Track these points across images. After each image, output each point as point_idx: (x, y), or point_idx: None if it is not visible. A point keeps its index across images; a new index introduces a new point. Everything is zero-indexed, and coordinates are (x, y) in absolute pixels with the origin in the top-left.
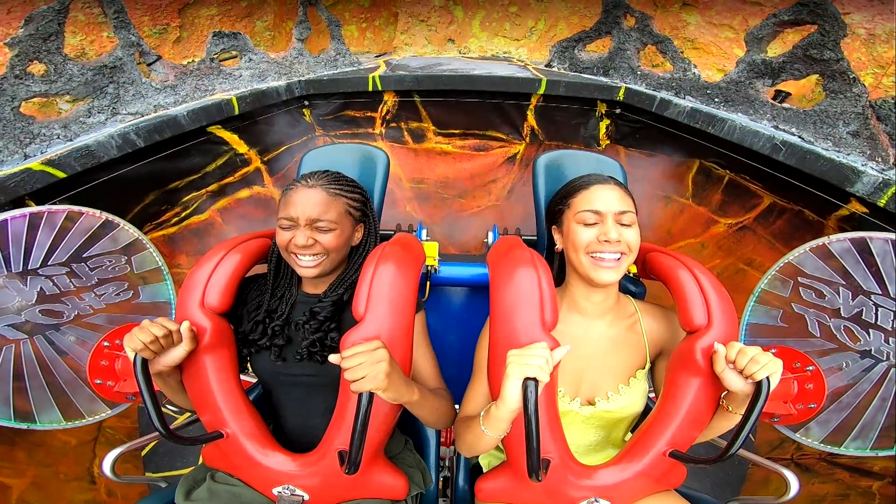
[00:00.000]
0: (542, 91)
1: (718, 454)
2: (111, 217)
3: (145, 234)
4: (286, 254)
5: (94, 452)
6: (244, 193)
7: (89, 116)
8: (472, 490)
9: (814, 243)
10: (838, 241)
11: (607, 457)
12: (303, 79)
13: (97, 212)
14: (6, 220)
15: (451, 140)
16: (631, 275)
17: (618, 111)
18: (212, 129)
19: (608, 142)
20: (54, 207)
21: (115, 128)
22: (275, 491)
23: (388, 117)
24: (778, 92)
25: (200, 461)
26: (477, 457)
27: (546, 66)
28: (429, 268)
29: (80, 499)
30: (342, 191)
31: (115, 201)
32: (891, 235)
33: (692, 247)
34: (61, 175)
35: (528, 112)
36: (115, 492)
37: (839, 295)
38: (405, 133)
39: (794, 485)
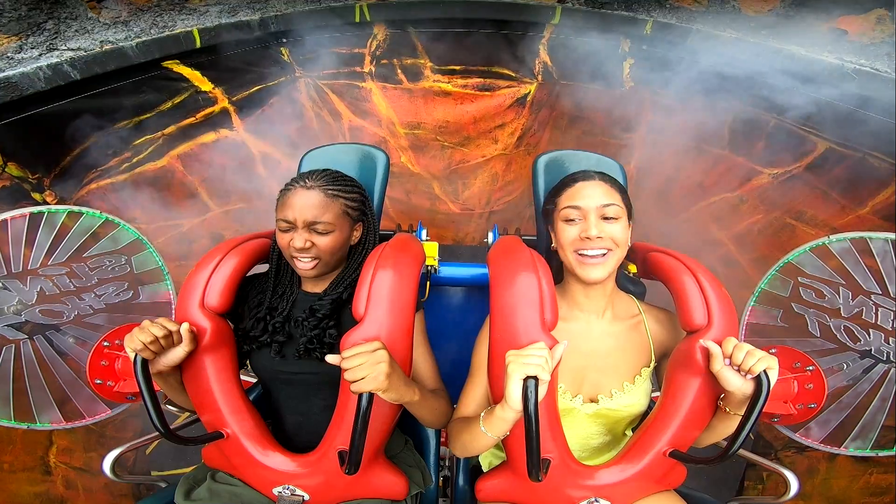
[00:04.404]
0: (556, 20)
1: (719, 454)
2: (111, 217)
3: (89, 181)
4: (286, 254)
5: (51, 440)
6: (209, 137)
7: (19, 52)
8: (472, 490)
9: (814, 243)
10: (838, 241)
11: (611, 458)
12: (279, 13)
13: (97, 212)
14: (6, 221)
15: (452, 78)
16: (631, 274)
17: (644, 47)
18: (168, 63)
19: (632, 84)
20: (54, 207)
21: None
22: (275, 491)
23: (378, 53)
24: (832, 30)
25: (201, 461)
26: (477, 456)
27: (559, 1)
28: (429, 268)
29: (29, 491)
30: (340, 191)
31: (44, 141)
32: (891, 235)
33: (728, 201)
34: None
35: (541, 46)
36: (76, 483)
37: (839, 295)
38: (398, 71)
39: (793, 485)
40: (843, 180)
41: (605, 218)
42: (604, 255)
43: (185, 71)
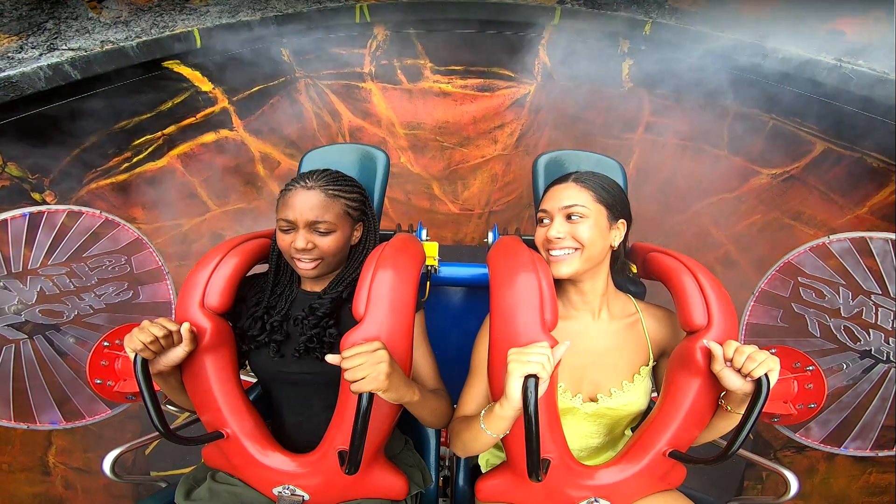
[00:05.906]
0: (556, 22)
1: (718, 454)
2: (111, 217)
3: (89, 181)
4: (286, 255)
5: (50, 440)
6: (209, 137)
7: (20, 52)
8: (472, 490)
9: (814, 243)
10: (838, 240)
11: (610, 458)
12: (280, 13)
13: (97, 212)
14: (6, 220)
15: (452, 79)
16: (631, 274)
17: (643, 48)
18: (168, 63)
19: (631, 84)
20: (54, 207)
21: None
22: (275, 491)
23: (378, 53)
24: (831, 31)
25: (201, 461)
26: (476, 456)
27: (559, 2)
28: (429, 268)
29: (27, 492)
30: (340, 191)
31: (45, 141)
32: (891, 235)
33: (727, 202)
34: None
35: (541, 47)
36: (74, 484)
37: (839, 295)
38: (398, 71)
39: (793, 485)
40: (841, 180)
41: (570, 218)
42: (568, 253)
43: (186, 71)
